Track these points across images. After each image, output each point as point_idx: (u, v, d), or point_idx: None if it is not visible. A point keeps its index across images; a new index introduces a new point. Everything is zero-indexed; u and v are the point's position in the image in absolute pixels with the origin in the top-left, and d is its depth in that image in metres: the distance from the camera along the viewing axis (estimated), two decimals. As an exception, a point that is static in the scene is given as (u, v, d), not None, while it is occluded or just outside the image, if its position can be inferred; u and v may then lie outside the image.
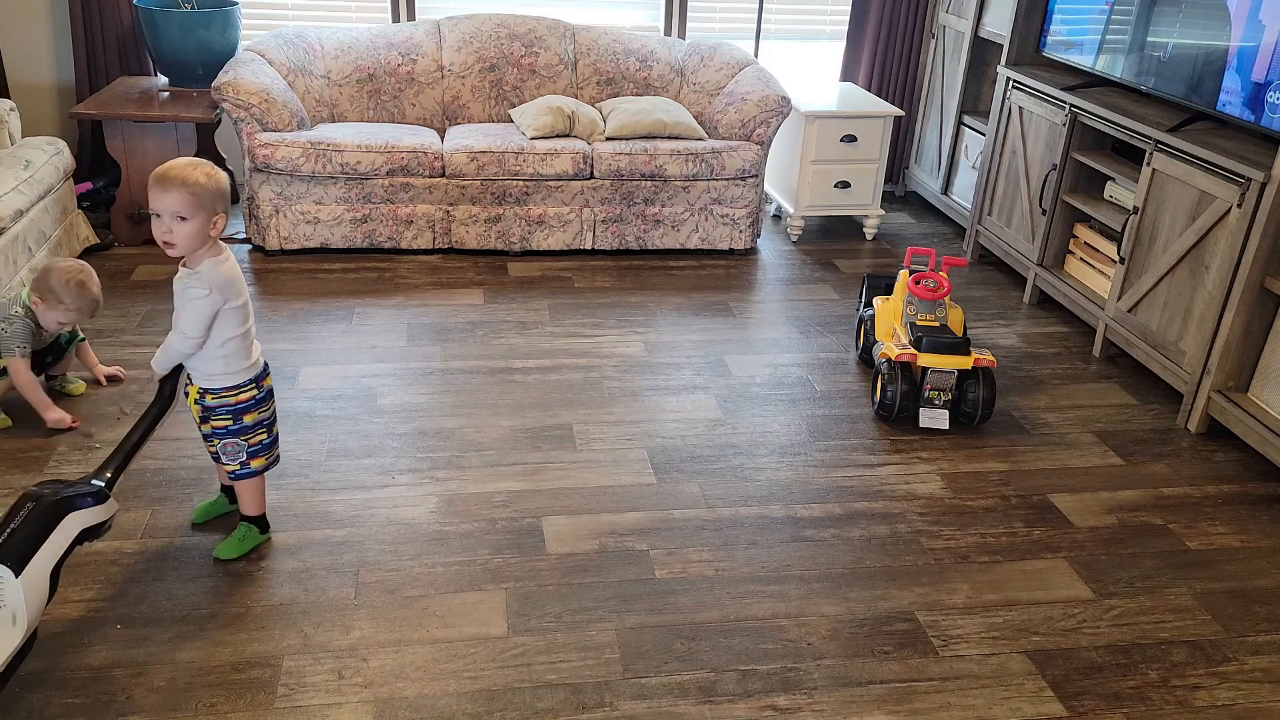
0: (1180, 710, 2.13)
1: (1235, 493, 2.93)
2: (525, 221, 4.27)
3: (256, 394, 2.34)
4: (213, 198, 2.13)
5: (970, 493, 2.86)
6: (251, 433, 2.36)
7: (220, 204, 2.16)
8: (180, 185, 2.09)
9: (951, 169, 4.89)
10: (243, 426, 2.34)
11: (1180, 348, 3.27)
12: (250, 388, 2.33)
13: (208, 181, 2.12)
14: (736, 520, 2.68)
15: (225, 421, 2.33)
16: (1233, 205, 3.01)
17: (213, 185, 2.13)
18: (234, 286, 2.22)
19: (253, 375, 2.33)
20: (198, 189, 2.11)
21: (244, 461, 2.37)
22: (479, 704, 2.05)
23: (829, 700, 2.11)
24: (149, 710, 2.00)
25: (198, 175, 2.12)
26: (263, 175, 4.05)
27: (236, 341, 2.26)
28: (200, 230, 2.14)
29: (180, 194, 2.10)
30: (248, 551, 2.44)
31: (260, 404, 2.36)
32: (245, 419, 2.33)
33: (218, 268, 2.19)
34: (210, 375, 2.28)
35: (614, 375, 3.40)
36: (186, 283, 2.18)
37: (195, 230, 2.13)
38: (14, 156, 3.66)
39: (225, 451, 2.36)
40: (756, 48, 5.05)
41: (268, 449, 2.41)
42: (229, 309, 2.22)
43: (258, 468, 2.40)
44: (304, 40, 4.49)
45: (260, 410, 2.36)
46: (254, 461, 2.39)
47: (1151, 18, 3.49)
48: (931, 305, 3.27)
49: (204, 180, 2.12)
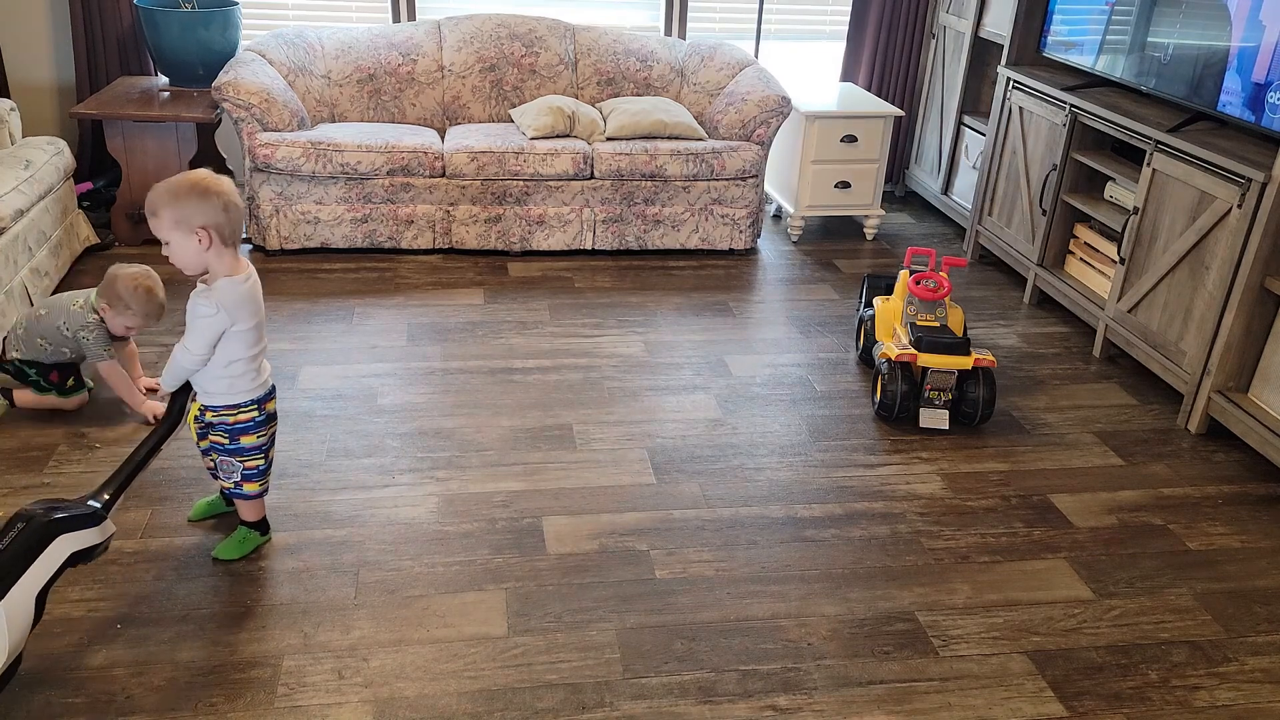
0: (1180, 710, 2.13)
1: (1235, 493, 2.93)
2: (525, 221, 4.27)
3: (257, 416, 2.30)
4: (180, 215, 2.06)
5: (970, 493, 2.86)
6: (248, 456, 2.32)
7: (198, 217, 2.06)
8: (150, 211, 2.07)
9: (952, 169, 4.89)
10: (239, 448, 2.31)
11: (1180, 348, 3.27)
12: (251, 408, 2.28)
13: (171, 201, 2.06)
14: (736, 520, 2.68)
15: (222, 439, 2.30)
16: (1233, 206, 3.01)
17: (178, 204, 2.06)
18: (246, 309, 2.16)
19: (256, 397, 2.28)
20: (163, 211, 2.06)
21: (238, 482, 2.35)
22: (479, 704, 2.05)
23: (829, 700, 2.11)
24: (149, 710, 2.00)
25: (161, 197, 2.07)
26: (263, 175, 4.05)
27: (243, 364, 2.22)
28: (189, 249, 2.09)
29: (153, 220, 2.08)
30: (249, 553, 2.44)
31: (260, 427, 2.31)
32: (242, 440, 2.30)
33: (233, 288, 2.13)
34: (212, 394, 2.26)
35: (614, 375, 3.40)
36: (196, 300, 2.14)
37: (181, 251, 2.09)
38: (14, 156, 3.66)
39: (221, 468, 2.34)
40: (757, 48, 5.05)
41: (262, 475, 2.37)
42: (237, 331, 2.17)
43: (250, 492, 2.37)
44: (304, 40, 4.49)
45: (259, 434, 2.31)
46: (247, 485, 2.36)
47: (1152, 18, 3.49)
48: (932, 305, 3.27)
49: (167, 200, 2.06)
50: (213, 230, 2.08)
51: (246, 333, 2.18)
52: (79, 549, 2.02)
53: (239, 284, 2.14)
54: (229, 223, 2.11)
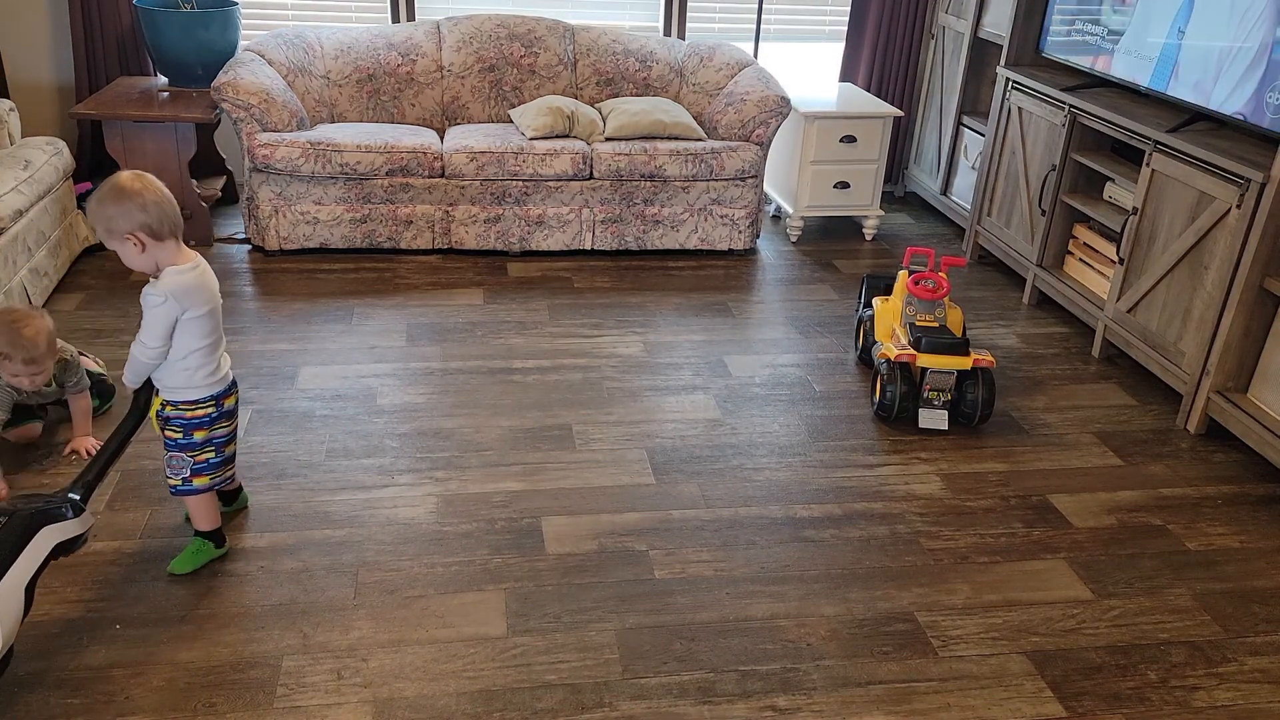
0: (1179, 711, 2.13)
1: (1234, 493, 2.93)
2: (525, 222, 4.27)
3: (213, 412, 2.28)
4: (108, 226, 2.09)
5: (970, 493, 2.86)
6: (199, 449, 2.29)
7: (122, 223, 2.08)
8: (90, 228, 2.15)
9: (951, 169, 4.89)
10: (191, 442, 2.28)
11: (1179, 348, 3.27)
12: (208, 404, 2.27)
13: (97, 213, 2.09)
14: (736, 520, 2.68)
15: (175, 434, 2.28)
16: (1232, 206, 3.01)
17: (103, 215, 2.09)
18: (195, 295, 2.16)
19: (214, 392, 2.28)
20: (95, 224, 2.12)
21: (186, 478, 2.31)
22: (478, 704, 2.05)
23: (828, 701, 2.11)
24: (148, 710, 2.00)
25: (91, 212, 2.12)
26: (262, 175, 4.05)
27: (200, 355, 2.22)
28: (129, 254, 2.13)
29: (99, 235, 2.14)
30: (201, 565, 2.39)
31: (214, 422, 2.30)
32: (195, 434, 2.28)
33: (179, 275, 2.14)
34: (172, 388, 2.25)
35: (613, 375, 3.40)
36: (145, 292, 2.15)
37: (126, 257, 2.14)
38: (14, 156, 3.66)
39: (169, 464, 2.31)
40: (756, 48, 5.05)
41: (215, 468, 2.33)
42: (189, 319, 2.17)
43: (200, 485, 2.33)
44: (304, 40, 4.49)
45: (213, 428, 2.30)
46: (196, 479, 2.32)
47: (1152, 18, 3.49)
48: (931, 305, 3.27)
49: (94, 214, 2.10)
50: (140, 232, 2.09)
51: (199, 320, 2.18)
52: (63, 539, 2.07)
53: (184, 272, 2.16)
54: (157, 219, 2.10)
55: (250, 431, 2.95)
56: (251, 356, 3.38)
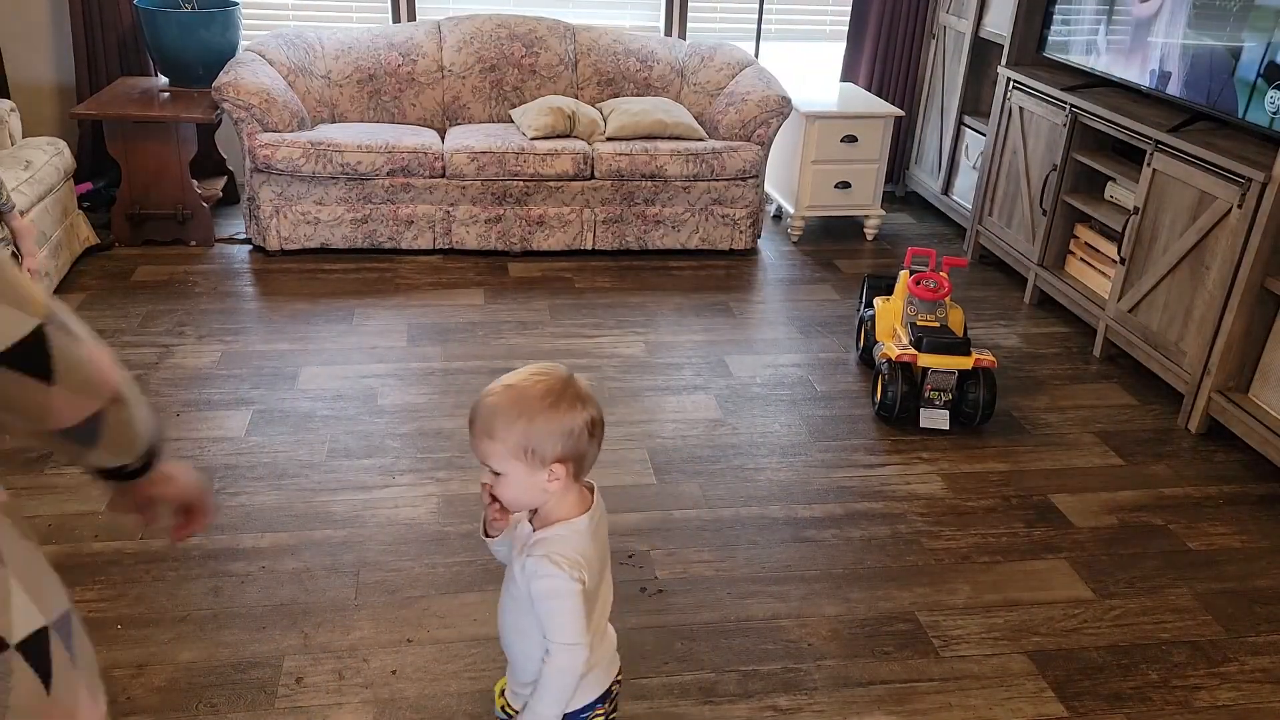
0: (1181, 711, 2.13)
1: (1236, 493, 2.92)
2: (525, 222, 4.27)
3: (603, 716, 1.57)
4: (531, 441, 1.35)
5: (971, 493, 2.86)
6: None
7: (555, 445, 1.36)
8: (484, 432, 1.37)
9: (952, 169, 4.88)
10: None
11: (1181, 348, 3.27)
12: (598, 710, 1.55)
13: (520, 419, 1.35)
14: (737, 520, 2.68)
15: None
16: (1233, 206, 3.01)
17: (531, 425, 1.35)
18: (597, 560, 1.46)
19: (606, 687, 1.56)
20: (503, 432, 1.35)
21: None
22: (479, 704, 2.05)
23: (829, 701, 2.11)
24: (149, 710, 2.00)
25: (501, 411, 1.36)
26: (263, 175, 4.05)
27: None
28: (532, 486, 1.39)
29: (486, 443, 1.37)
30: None
31: None
32: None
33: (578, 538, 1.42)
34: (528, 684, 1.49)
35: (614, 375, 3.40)
36: (538, 574, 1.39)
37: (516, 487, 1.40)
38: (14, 157, 3.66)
39: None
40: (757, 48, 5.05)
41: None
42: None
43: None
44: (304, 40, 4.49)
45: None
46: None
47: (1152, 18, 3.49)
48: (932, 305, 3.27)
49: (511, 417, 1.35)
50: (573, 463, 1.39)
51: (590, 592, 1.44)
52: None
53: (581, 526, 1.43)
54: (591, 448, 1.41)
55: (251, 432, 2.95)
56: (252, 357, 3.38)
